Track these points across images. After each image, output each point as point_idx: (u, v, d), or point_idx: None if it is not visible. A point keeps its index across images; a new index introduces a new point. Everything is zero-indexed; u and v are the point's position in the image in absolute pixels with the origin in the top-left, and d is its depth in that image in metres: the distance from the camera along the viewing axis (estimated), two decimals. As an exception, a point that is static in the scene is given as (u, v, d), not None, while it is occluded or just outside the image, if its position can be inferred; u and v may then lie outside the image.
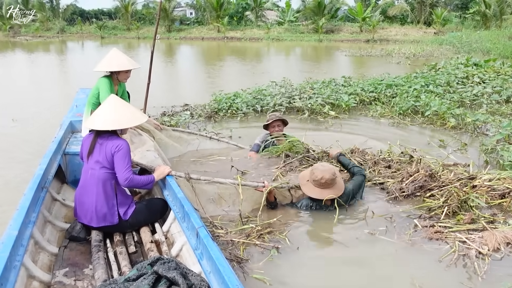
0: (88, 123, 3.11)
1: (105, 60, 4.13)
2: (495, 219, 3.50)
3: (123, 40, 37.91)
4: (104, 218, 3.00)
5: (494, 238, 3.12)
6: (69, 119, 4.65)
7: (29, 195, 2.81)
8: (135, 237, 3.11)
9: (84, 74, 13.56)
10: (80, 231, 3.02)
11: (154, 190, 3.79)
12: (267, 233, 3.29)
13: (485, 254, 3.02)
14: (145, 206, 3.24)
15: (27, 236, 2.54)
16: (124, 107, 3.17)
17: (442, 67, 11.97)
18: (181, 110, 7.67)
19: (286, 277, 2.83)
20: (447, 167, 4.42)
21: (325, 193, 3.60)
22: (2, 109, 8.32)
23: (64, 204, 3.58)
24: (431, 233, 3.30)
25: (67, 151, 4.06)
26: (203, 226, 2.57)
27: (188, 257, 2.77)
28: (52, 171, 3.57)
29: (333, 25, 40.27)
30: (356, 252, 3.18)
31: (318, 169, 3.62)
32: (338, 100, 7.94)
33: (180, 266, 2.13)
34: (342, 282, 2.88)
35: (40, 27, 43.01)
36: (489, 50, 19.38)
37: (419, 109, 7.33)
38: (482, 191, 3.89)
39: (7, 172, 4.91)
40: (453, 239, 3.22)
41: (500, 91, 8.54)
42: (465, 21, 37.90)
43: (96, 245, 2.87)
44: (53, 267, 2.69)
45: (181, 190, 3.13)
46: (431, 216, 3.59)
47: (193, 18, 48.77)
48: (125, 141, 3.10)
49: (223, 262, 2.21)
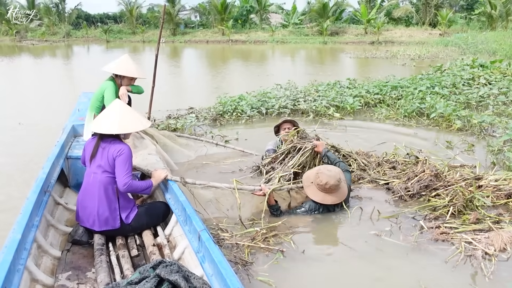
0: (93, 126, 3.13)
1: (115, 63, 4.19)
2: (500, 219, 3.48)
3: (128, 44, 38.17)
4: (106, 222, 3.01)
5: (500, 238, 3.11)
6: (71, 123, 4.66)
7: (32, 199, 2.82)
8: (137, 241, 3.12)
9: (90, 78, 13.64)
10: (82, 234, 3.03)
11: (156, 194, 3.80)
12: (272, 236, 3.29)
13: (491, 255, 3.00)
14: (147, 209, 3.25)
15: (30, 239, 2.55)
16: (129, 112, 3.19)
17: (447, 68, 11.91)
18: (186, 113, 7.68)
19: (291, 280, 2.82)
20: (454, 168, 4.41)
21: (328, 198, 3.60)
22: (9, 113, 8.41)
23: (66, 208, 3.59)
24: (437, 234, 3.29)
25: (69, 155, 4.07)
26: (205, 229, 2.57)
27: (190, 260, 2.77)
28: (55, 175, 3.57)
29: (338, 27, 40.29)
30: (362, 254, 3.15)
31: (324, 173, 3.60)
32: (343, 102, 7.92)
33: (182, 269, 2.13)
34: (348, 285, 2.86)
35: (46, 32, 43.42)
36: (495, 51, 19.28)
37: (424, 111, 7.29)
38: (488, 191, 3.87)
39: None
40: (459, 240, 3.21)
41: (507, 92, 8.48)
42: (471, 22, 37.77)
43: (98, 249, 2.87)
44: (56, 271, 2.69)
45: (183, 193, 3.14)
46: (436, 217, 3.58)
47: (197, 22, 48.98)
48: (127, 146, 3.12)
49: (225, 265, 2.20)
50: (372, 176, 4.42)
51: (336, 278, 2.92)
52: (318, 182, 3.58)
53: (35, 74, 16.78)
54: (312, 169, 3.88)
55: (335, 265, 3.08)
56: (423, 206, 3.75)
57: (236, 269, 2.86)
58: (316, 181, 3.62)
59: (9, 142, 6.33)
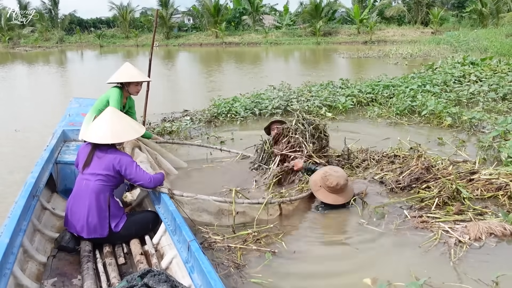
0: (86, 135, 3.10)
1: (117, 73, 4.22)
2: (484, 212, 3.57)
3: (122, 49, 38.11)
4: (94, 229, 2.98)
5: (477, 228, 3.22)
6: (61, 128, 4.61)
7: (21, 203, 2.78)
8: (125, 249, 3.08)
9: (84, 83, 13.69)
10: (69, 241, 2.99)
11: (145, 203, 3.74)
12: (263, 238, 3.31)
13: (464, 243, 3.11)
14: (137, 218, 3.21)
15: (17, 244, 2.52)
16: (122, 120, 3.16)
17: (439, 66, 12.03)
18: (181, 116, 7.74)
19: (283, 280, 2.85)
20: (457, 163, 4.53)
21: (340, 198, 3.72)
22: (5, 120, 8.48)
23: (53, 213, 3.53)
24: (417, 223, 3.42)
25: (59, 160, 4.03)
26: (194, 239, 2.55)
27: (178, 270, 2.74)
28: (44, 179, 3.53)
29: (331, 28, 40.49)
30: (347, 244, 3.29)
31: (332, 175, 3.69)
32: (336, 102, 8.01)
33: (170, 278, 2.12)
34: (337, 278, 2.93)
35: (39, 38, 43.27)
36: (487, 49, 19.44)
37: (416, 109, 7.38)
38: (478, 184, 3.96)
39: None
40: (438, 228, 3.33)
41: (497, 88, 8.58)
42: (462, 20, 38.08)
43: (85, 256, 2.83)
44: (42, 277, 2.65)
45: (173, 203, 3.10)
46: (422, 207, 3.70)
47: (190, 25, 49.02)
48: (123, 154, 3.12)
49: (214, 276, 2.18)
50: (372, 171, 4.52)
51: (325, 272, 2.97)
52: (328, 184, 3.67)
53: (29, 81, 16.75)
54: (316, 173, 3.92)
55: (327, 260, 3.13)
56: (411, 197, 3.88)
57: (228, 272, 2.88)
58: (325, 184, 3.69)
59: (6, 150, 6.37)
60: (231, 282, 2.79)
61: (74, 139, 4.61)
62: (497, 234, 3.19)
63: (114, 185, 3.12)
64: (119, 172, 3.05)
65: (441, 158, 4.66)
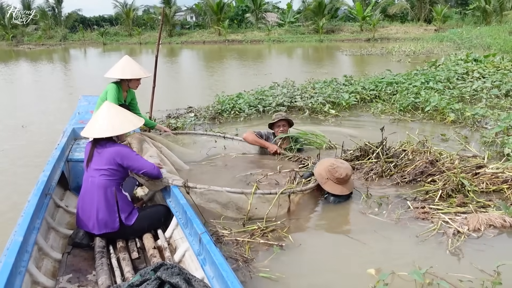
0: (84, 132, 3.14)
1: (118, 67, 4.19)
2: (488, 204, 3.61)
3: (125, 46, 38.15)
4: (105, 225, 3.01)
5: (477, 219, 3.27)
6: (71, 126, 4.67)
7: (34, 202, 2.81)
8: (138, 244, 3.11)
9: (89, 81, 13.74)
10: (83, 237, 3.03)
11: (157, 197, 3.79)
12: (270, 232, 3.34)
13: (462, 233, 3.17)
14: (149, 213, 3.25)
15: (31, 242, 2.56)
16: (117, 113, 3.16)
17: (442, 63, 12.05)
18: (186, 113, 7.81)
19: (291, 273, 2.88)
20: (467, 158, 4.59)
21: (345, 189, 3.84)
22: (12, 116, 8.59)
23: (67, 210, 3.59)
24: (418, 213, 3.49)
25: (70, 158, 4.07)
26: (205, 231, 2.58)
27: (190, 262, 2.77)
28: (56, 177, 3.58)
29: (334, 25, 40.45)
30: (350, 236, 3.36)
31: (339, 167, 3.79)
32: (339, 98, 8.06)
33: (183, 271, 2.12)
34: (341, 267, 3.00)
35: (42, 36, 43.40)
36: (490, 46, 19.41)
37: (419, 105, 7.42)
38: (484, 178, 4.02)
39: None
40: (438, 219, 3.39)
41: (500, 85, 8.60)
42: (466, 17, 37.94)
43: (99, 251, 2.87)
44: (57, 273, 2.70)
45: (183, 196, 3.14)
46: (425, 199, 3.78)
47: (193, 22, 49.05)
48: (121, 145, 3.15)
49: (226, 268, 2.21)
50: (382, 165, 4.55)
51: (331, 264, 3.03)
52: (338, 176, 3.76)
53: (33, 78, 16.85)
54: (320, 166, 3.95)
55: (332, 252, 3.20)
56: (416, 190, 3.95)
57: (237, 265, 2.90)
58: (334, 176, 3.78)
59: (14, 145, 6.45)
60: (239, 276, 2.79)
61: (84, 137, 4.66)
62: (496, 225, 3.24)
63: (119, 179, 3.14)
64: (121, 165, 3.07)
65: (449, 153, 4.70)
